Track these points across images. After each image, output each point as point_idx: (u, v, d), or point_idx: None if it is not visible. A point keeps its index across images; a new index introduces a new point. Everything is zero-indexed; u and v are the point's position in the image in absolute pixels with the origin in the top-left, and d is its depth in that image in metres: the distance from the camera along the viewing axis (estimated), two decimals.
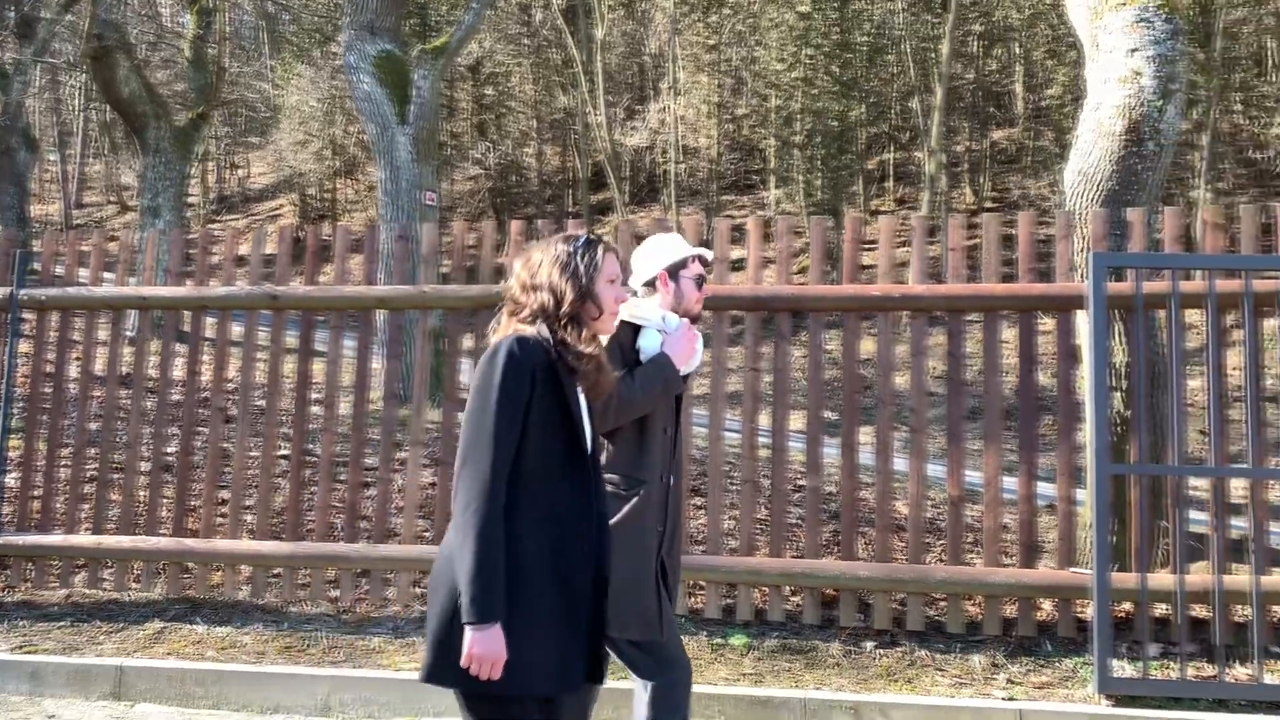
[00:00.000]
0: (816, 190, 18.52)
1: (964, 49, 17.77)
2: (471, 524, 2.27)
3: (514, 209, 21.79)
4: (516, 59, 22.82)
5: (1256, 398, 4.64)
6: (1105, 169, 5.22)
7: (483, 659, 2.24)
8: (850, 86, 18.14)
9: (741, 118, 20.68)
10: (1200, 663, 4.48)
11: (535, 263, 2.53)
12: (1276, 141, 15.50)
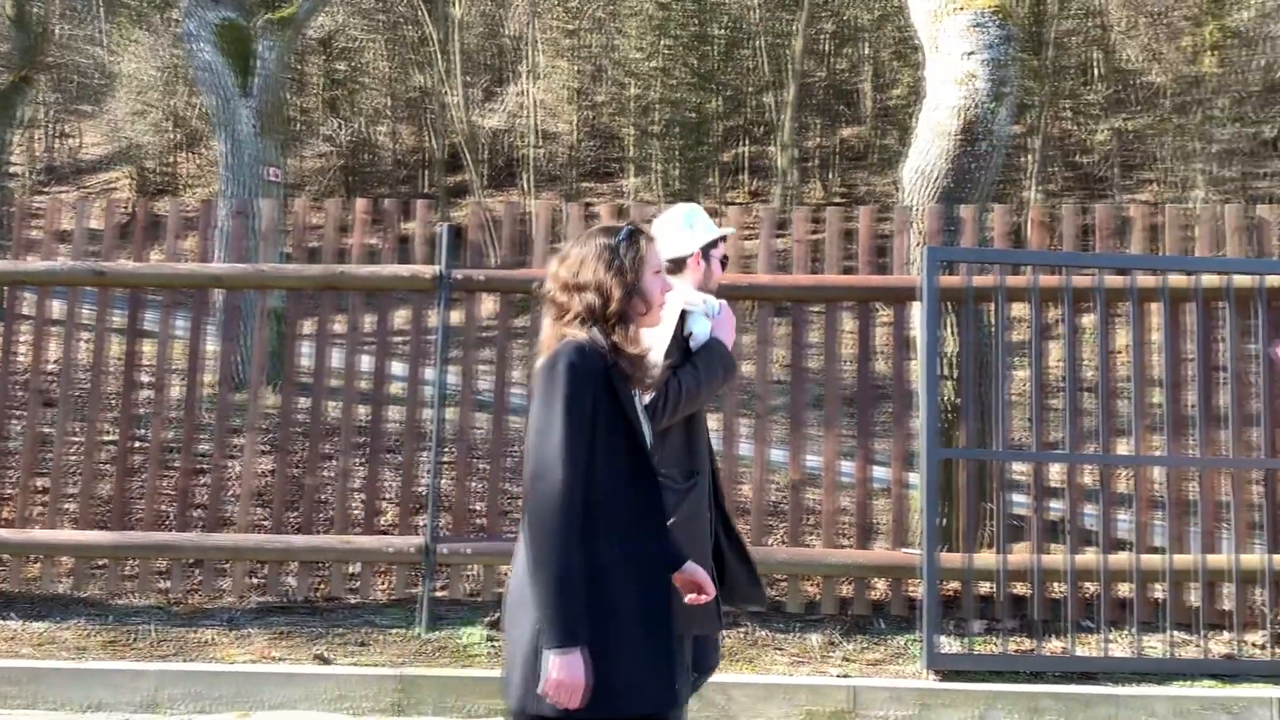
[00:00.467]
0: (674, 180, 18.69)
1: (816, 47, 18.25)
2: (548, 544, 2.13)
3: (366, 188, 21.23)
4: (370, 34, 22.20)
5: (1075, 388, 4.93)
6: (941, 167, 5.44)
7: (563, 685, 2.08)
8: (707, 79, 18.39)
9: (601, 105, 20.67)
10: (1020, 637, 4.74)
11: (575, 260, 2.37)
12: (1101, 147, 16.50)
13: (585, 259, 2.36)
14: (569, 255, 2.40)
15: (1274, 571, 4.71)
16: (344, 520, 5.15)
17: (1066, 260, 4.80)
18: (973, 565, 4.72)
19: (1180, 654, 4.57)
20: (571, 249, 2.41)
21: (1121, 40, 17.71)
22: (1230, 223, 5.12)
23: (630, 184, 18.93)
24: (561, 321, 2.34)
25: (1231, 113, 16.12)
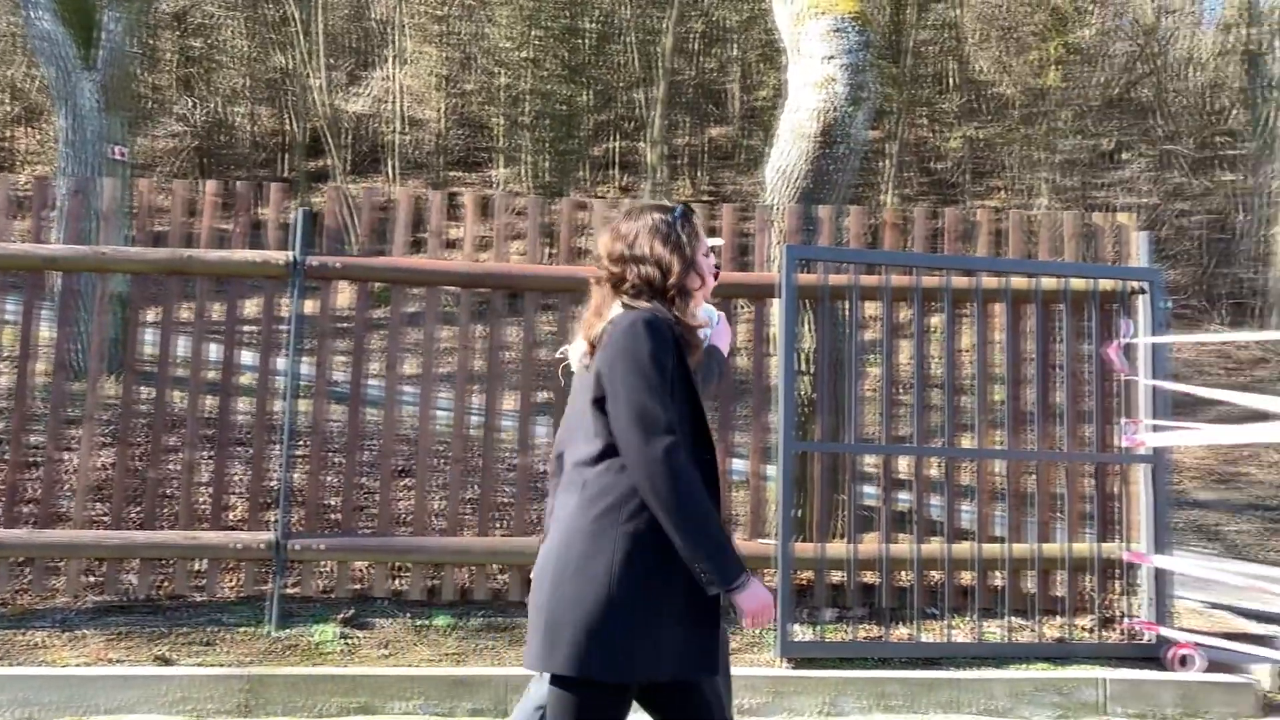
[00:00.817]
0: (544, 172, 18.57)
1: (686, 46, 18.43)
2: (680, 497, 2.16)
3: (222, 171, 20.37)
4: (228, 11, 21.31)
5: (923, 385, 5.12)
6: (801, 168, 5.56)
7: (759, 612, 2.20)
8: (578, 72, 18.35)
9: (469, 93, 20.37)
10: (869, 625, 4.90)
11: (630, 234, 2.42)
12: (953, 154, 17.20)
13: (640, 232, 2.42)
14: (621, 229, 2.44)
15: (1102, 560, 5.01)
16: (190, 515, 4.94)
17: (917, 261, 4.99)
18: (825, 555, 4.85)
19: (1017, 638, 4.81)
20: (622, 224, 2.46)
21: (975, 52, 18.50)
22: (1068, 229, 5.41)
23: (499, 174, 18.73)
24: (619, 292, 2.39)
25: (1073, 125, 17.04)
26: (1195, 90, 19.20)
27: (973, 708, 4.37)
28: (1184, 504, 11.48)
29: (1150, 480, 4.98)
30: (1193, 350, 14.00)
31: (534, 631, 2.26)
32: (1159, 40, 18.43)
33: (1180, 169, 17.38)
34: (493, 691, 4.22)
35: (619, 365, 2.26)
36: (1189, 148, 17.73)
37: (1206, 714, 4.43)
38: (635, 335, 2.26)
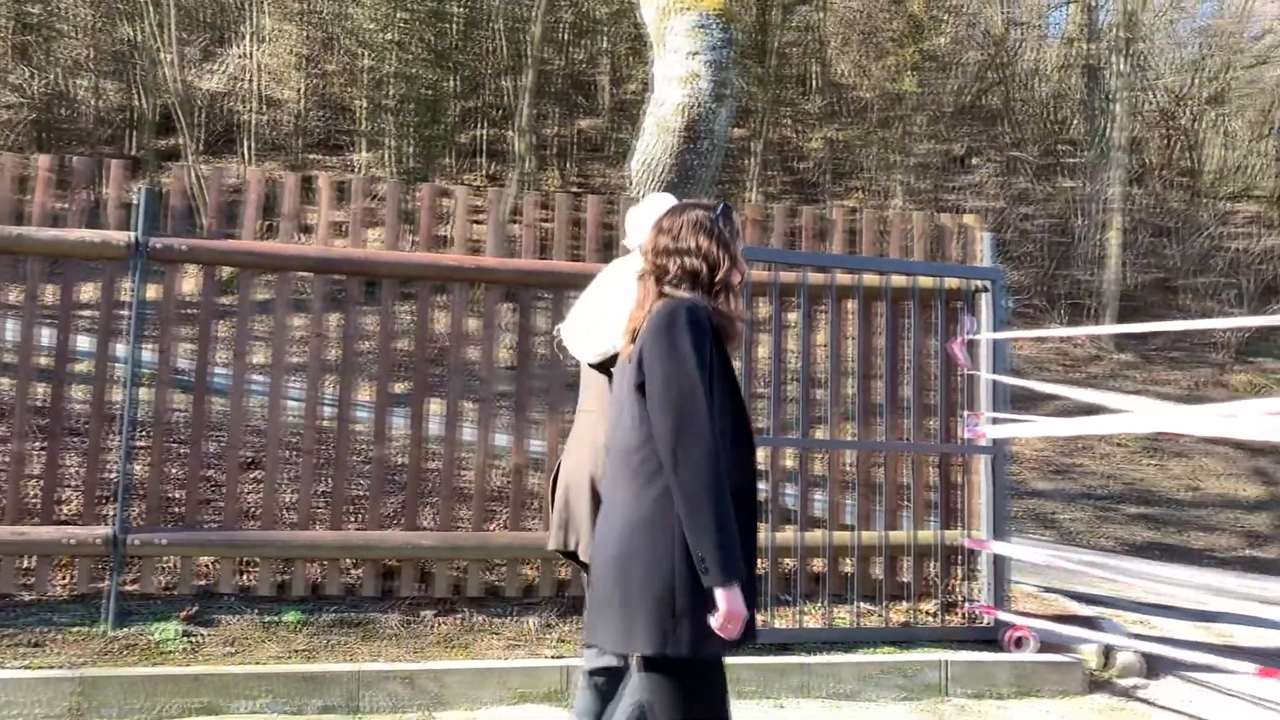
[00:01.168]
0: (408, 158, 18.18)
1: (555, 35, 18.32)
2: (704, 488, 2.22)
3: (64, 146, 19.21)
4: None
5: (779, 378, 5.23)
6: (666, 162, 5.61)
7: (734, 616, 2.22)
8: (444, 57, 18.03)
9: (331, 75, 19.77)
10: None
11: (675, 228, 2.50)
12: (815, 154, 17.63)
13: (684, 226, 2.51)
14: (665, 224, 2.53)
15: (945, 546, 5.22)
16: (18, 509, 4.64)
17: (775, 257, 5.09)
18: None
19: (865, 623, 4.97)
20: (665, 219, 2.55)
21: (836, 55, 19.01)
22: (918, 229, 5.61)
23: (362, 158, 18.26)
24: (662, 283, 2.47)
25: (927, 130, 17.68)
26: (1040, 100, 20.21)
27: (822, 691, 4.50)
28: (1023, 493, 12.09)
29: (990, 470, 5.22)
30: (1034, 347, 14.75)
31: (609, 618, 2.34)
32: (1007, 51, 19.32)
33: (1025, 175, 18.26)
34: (344, 688, 4.12)
35: (655, 351, 2.33)
36: (1033, 155, 18.65)
37: (1038, 692, 4.68)
38: (673, 323, 2.34)
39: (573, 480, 3.13)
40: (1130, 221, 17.10)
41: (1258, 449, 12.32)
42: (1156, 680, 4.91)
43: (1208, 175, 19.37)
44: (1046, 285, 16.72)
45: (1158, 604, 6.14)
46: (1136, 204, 17.88)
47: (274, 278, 5.03)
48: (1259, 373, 15.23)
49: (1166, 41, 19.46)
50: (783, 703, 4.42)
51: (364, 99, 18.45)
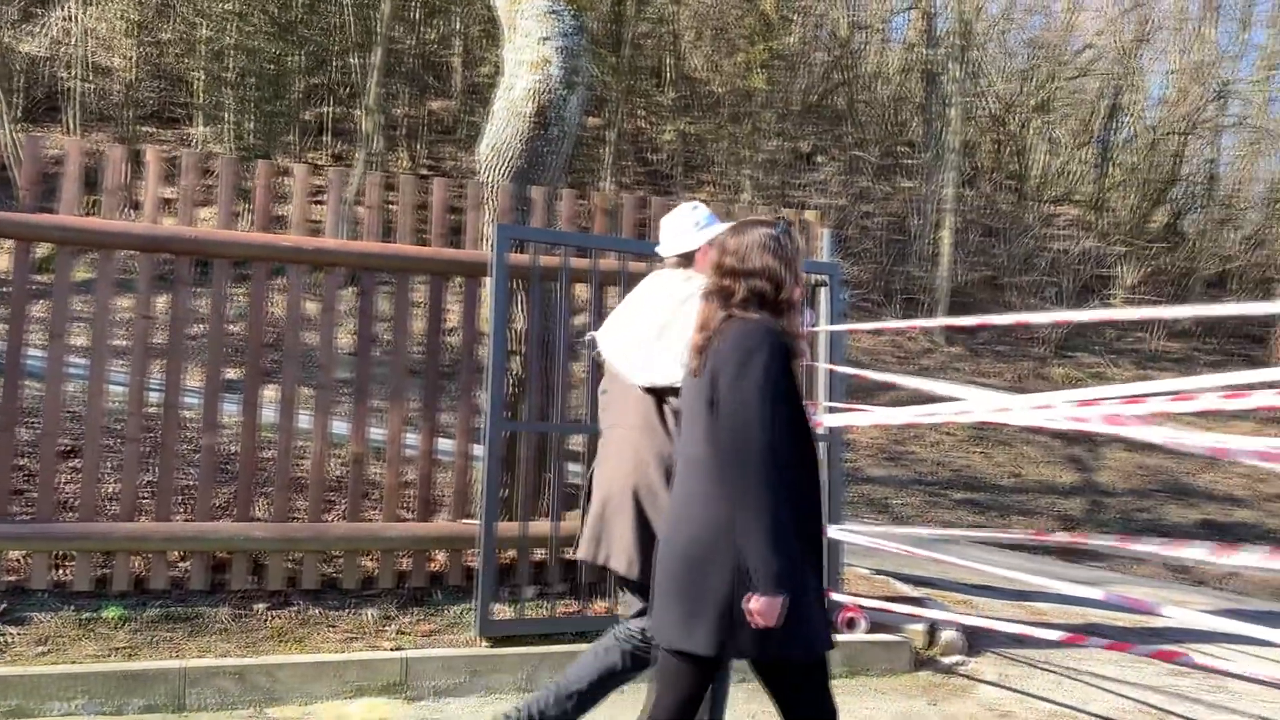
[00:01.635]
0: (248, 134, 17.45)
1: (405, 14, 17.90)
2: (761, 501, 2.34)
3: None
4: None
5: None
6: (516, 147, 5.56)
7: (768, 619, 2.34)
8: (288, 30, 17.36)
9: (166, 44, 18.78)
10: (570, 601, 5.00)
11: (740, 249, 2.57)
12: (668, 146, 17.83)
13: (751, 247, 2.57)
14: (729, 244, 2.60)
15: None
16: None
17: (625, 246, 5.12)
18: (529, 534, 4.90)
19: None
20: (729, 238, 2.62)
21: (690, 50, 19.25)
22: None
23: (199, 132, 17.43)
24: (729, 304, 2.55)
25: (775, 127, 18.12)
26: (882, 102, 20.99)
27: None
28: (859, 479, 12.56)
29: (826, 458, 5.39)
30: (871, 340, 15.34)
31: (671, 613, 2.49)
32: (852, 53, 19.98)
33: (866, 174, 18.95)
34: (169, 686, 3.93)
35: (729, 373, 2.44)
36: (874, 155, 19.36)
37: (868, 671, 4.87)
38: (748, 346, 2.46)
39: (611, 495, 3.16)
40: (962, 221, 17.98)
41: (1072, 438, 13.16)
42: (977, 656, 5.18)
43: (1033, 179, 20.54)
44: (884, 281, 17.41)
45: (979, 584, 6.49)
46: (968, 205, 18.81)
47: (97, 256, 4.74)
48: (1076, 366, 16.27)
49: (999, 51, 20.51)
50: (623, 688, 4.46)
51: (201, 71, 17.60)
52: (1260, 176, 21.94)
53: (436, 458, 5.17)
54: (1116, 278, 18.19)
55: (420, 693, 4.24)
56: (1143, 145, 20.42)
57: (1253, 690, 4.98)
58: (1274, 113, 21.04)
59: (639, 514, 3.07)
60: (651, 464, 3.07)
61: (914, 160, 19.10)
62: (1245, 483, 13.37)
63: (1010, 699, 4.59)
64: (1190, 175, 20.76)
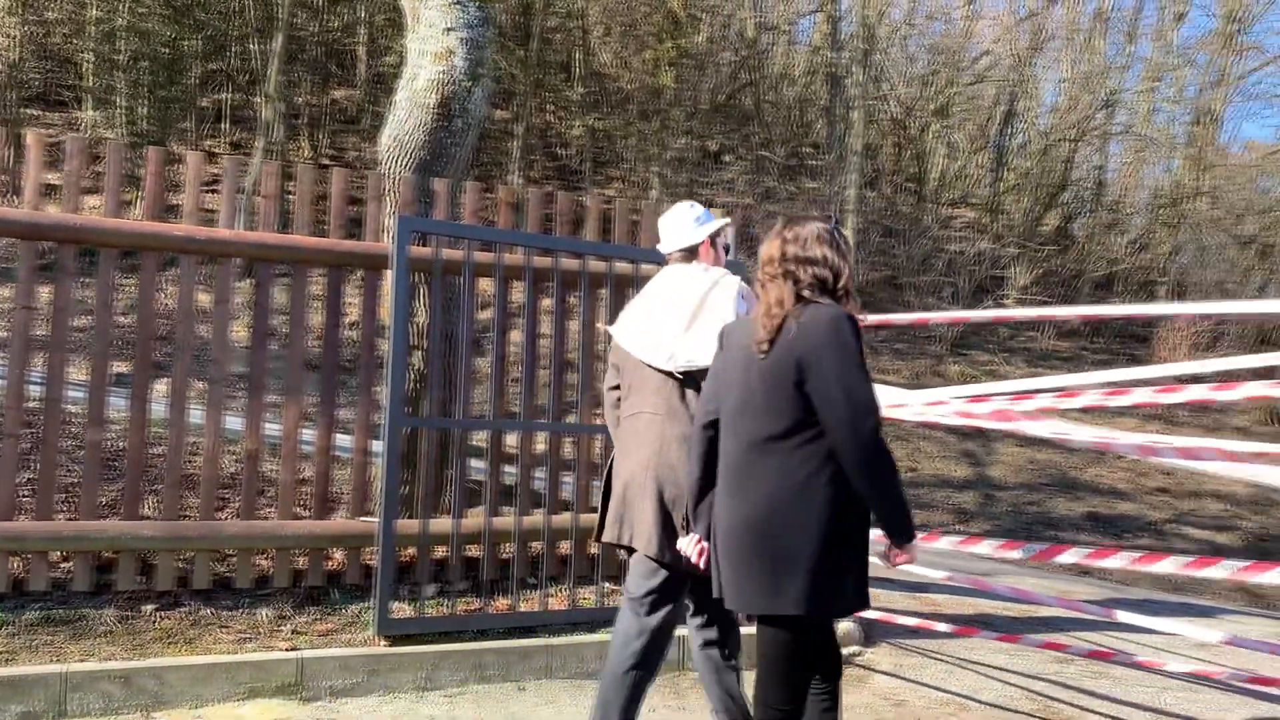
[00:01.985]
0: (141, 119, 16.84)
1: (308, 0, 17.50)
2: (884, 467, 2.61)
3: None
4: None
5: (532, 362, 5.24)
6: (418, 139, 5.47)
7: (913, 560, 2.78)
8: (184, 13, 16.81)
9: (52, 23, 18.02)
10: (471, 598, 4.96)
11: (802, 238, 2.79)
12: (577, 141, 17.78)
13: (810, 238, 2.79)
14: (788, 234, 2.81)
15: None
16: None
17: (530, 241, 5.08)
18: (429, 531, 4.84)
19: (609, 603, 5.07)
20: (788, 230, 2.83)
21: (599, 45, 19.23)
22: None
23: (88, 116, 16.76)
24: (799, 289, 2.75)
25: (684, 125, 18.23)
26: (788, 103, 21.29)
27: (565, 672, 4.56)
28: None
29: None
30: None
31: (749, 581, 2.67)
32: (758, 54, 20.22)
33: (772, 174, 19.21)
34: (49, 691, 3.77)
35: (827, 354, 2.62)
36: (780, 155, 19.64)
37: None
38: (839, 329, 2.65)
39: (634, 480, 3.31)
40: (864, 222, 18.36)
41: (967, 434, 13.56)
42: (874, 647, 5.30)
43: (932, 182, 21.09)
44: None
45: (879, 577, 6.63)
46: (869, 206, 19.21)
47: None
48: (970, 364, 16.76)
49: (901, 55, 20.99)
50: (525, 685, 4.45)
51: (90, 53, 16.91)
52: (1145, 183, 22.93)
53: (335, 454, 5.07)
54: (1010, 278, 18.79)
55: (316, 693, 4.15)
56: (1035, 151, 21.13)
57: (1133, 675, 5.20)
58: (1157, 122, 22.00)
59: (659, 495, 3.24)
60: (673, 446, 3.24)
61: (818, 161, 19.43)
62: (1128, 476, 13.96)
63: (904, 688, 4.71)
64: (1080, 181, 21.57)
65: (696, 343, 3.28)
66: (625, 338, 3.48)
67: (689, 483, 2.99)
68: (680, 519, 3.17)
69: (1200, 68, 21.54)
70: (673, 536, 3.19)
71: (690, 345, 3.29)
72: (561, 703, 4.29)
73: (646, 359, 3.38)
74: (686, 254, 3.55)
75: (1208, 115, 20.98)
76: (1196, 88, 21.60)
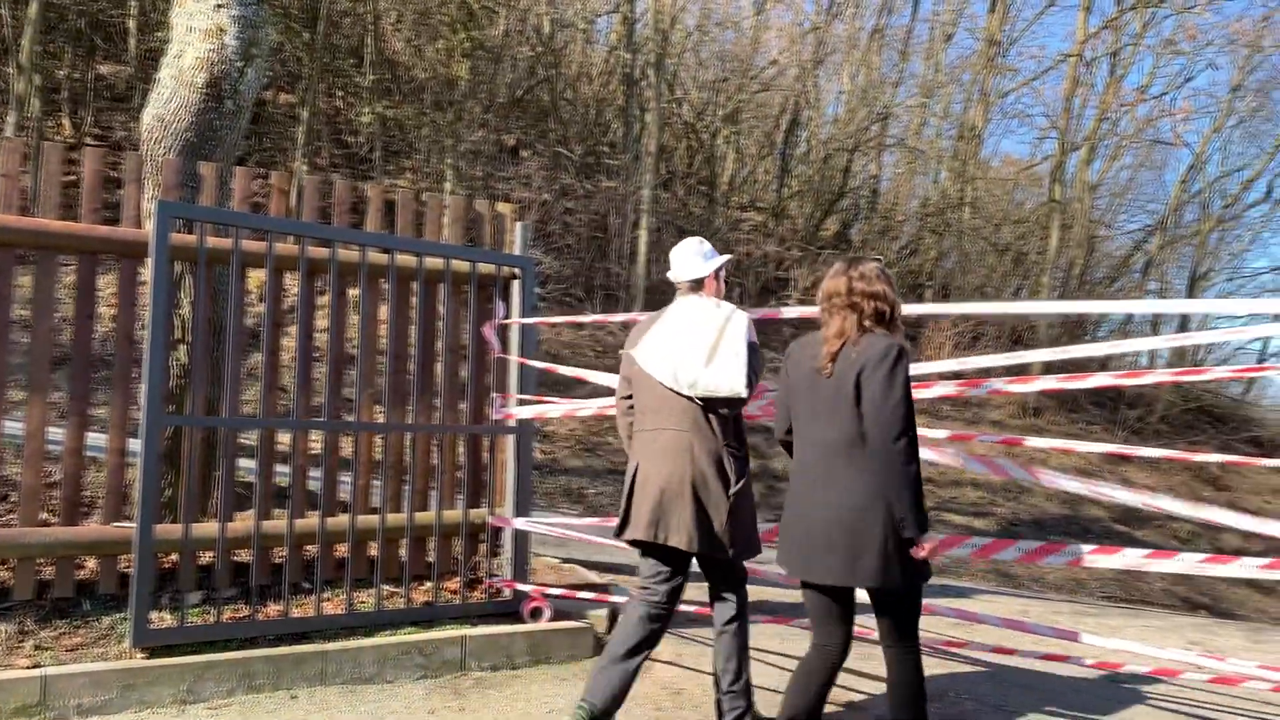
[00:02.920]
0: None
1: None
2: (915, 475, 3.20)
3: None
4: None
5: (307, 357, 5.03)
6: (184, 119, 5.16)
7: (935, 550, 3.32)
8: None
9: None
10: (240, 605, 4.71)
11: (867, 275, 3.41)
12: (367, 130, 17.23)
13: (872, 275, 3.41)
14: (855, 273, 3.42)
15: (471, 525, 5.35)
16: None
17: (304, 230, 4.87)
18: (193, 536, 4.56)
19: (388, 605, 4.95)
20: (854, 268, 3.43)
21: (391, 32, 18.72)
22: (454, 213, 5.67)
23: None
24: (862, 319, 3.36)
25: (480, 118, 18.02)
26: (584, 101, 21.42)
27: (341, 678, 4.41)
28: (557, 471, 12.78)
29: (515, 450, 5.42)
30: (571, 335, 15.63)
31: (830, 559, 3.30)
32: (555, 51, 20.23)
33: (569, 172, 19.27)
34: None
35: (880, 380, 3.22)
36: (577, 153, 19.73)
37: (550, 659, 4.95)
38: (896, 358, 3.24)
39: (669, 485, 3.78)
40: (658, 222, 18.71)
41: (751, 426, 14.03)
42: None
43: (722, 186, 21.74)
44: (586, 277, 17.80)
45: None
46: (664, 206, 19.60)
47: None
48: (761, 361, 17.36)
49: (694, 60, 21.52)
50: (296, 693, 4.27)
51: None
52: (916, 193, 24.47)
53: (88, 455, 4.71)
54: (793, 280, 19.63)
55: (63, 712, 3.84)
56: (817, 159, 22.15)
57: None
58: (926, 135, 23.51)
59: (696, 500, 3.74)
60: (704, 459, 3.76)
61: (615, 161, 19.65)
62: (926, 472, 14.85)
63: (684, 676, 4.82)
64: (857, 189, 22.78)
65: (716, 374, 3.75)
66: (648, 363, 3.92)
67: None
68: (721, 522, 3.73)
69: (965, 86, 23.18)
70: (709, 533, 3.73)
71: (711, 376, 3.75)
72: (336, 709, 4.14)
73: (669, 384, 3.84)
74: (694, 284, 4.02)
75: (971, 131, 22.59)
76: (961, 104, 23.24)
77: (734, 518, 3.75)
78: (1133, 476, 17.90)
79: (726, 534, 3.73)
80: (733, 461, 3.79)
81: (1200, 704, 4.88)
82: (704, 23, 21.24)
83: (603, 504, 12.20)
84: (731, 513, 3.74)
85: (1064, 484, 3.93)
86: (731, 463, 3.78)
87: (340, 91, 18.62)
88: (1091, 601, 11.10)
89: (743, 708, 3.87)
